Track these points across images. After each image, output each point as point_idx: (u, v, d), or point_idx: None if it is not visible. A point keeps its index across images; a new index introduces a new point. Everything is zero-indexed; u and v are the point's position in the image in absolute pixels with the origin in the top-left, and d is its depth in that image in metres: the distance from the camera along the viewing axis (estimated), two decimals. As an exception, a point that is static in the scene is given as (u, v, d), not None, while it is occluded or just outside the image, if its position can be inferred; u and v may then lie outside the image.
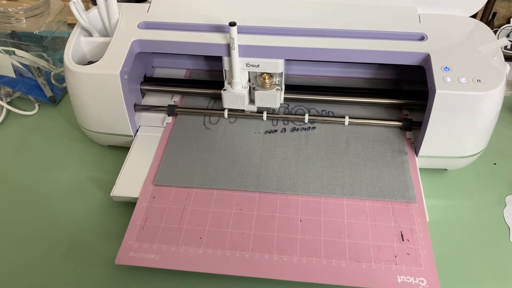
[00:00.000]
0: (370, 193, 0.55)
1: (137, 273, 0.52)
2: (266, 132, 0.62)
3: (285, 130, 0.62)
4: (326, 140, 0.61)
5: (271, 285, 0.50)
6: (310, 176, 0.57)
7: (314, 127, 0.63)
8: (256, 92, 0.61)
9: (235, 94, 0.61)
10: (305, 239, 0.51)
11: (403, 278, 0.47)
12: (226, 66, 0.60)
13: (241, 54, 0.58)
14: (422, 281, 0.47)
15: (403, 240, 0.51)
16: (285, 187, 0.56)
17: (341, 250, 0.50)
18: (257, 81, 0.61)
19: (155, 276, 0.52)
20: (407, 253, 0.49)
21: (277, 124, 0.63)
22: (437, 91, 0.52)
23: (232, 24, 0.54)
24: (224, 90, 0.61)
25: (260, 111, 0.64)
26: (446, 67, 0.54)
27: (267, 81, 0.60)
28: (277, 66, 0.59)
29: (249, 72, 0.61)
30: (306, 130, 0.62)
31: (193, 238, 0.51)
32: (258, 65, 0.59)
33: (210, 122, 0.64)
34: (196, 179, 0.57)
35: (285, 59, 0.59)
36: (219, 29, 0.59)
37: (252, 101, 0.63)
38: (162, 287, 0.51)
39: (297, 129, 0.62)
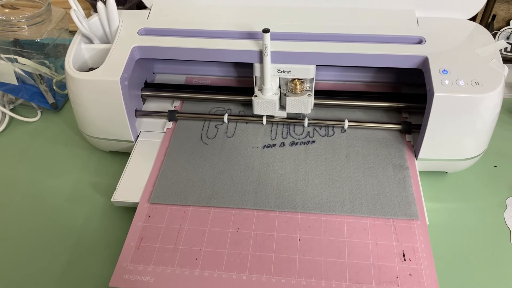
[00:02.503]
0: (371, 211, 0.53)
1: None
2: (264, 146, 0.61)
3: (283, 145, 0.61)
4: (326, 155, 0.60)
5: None
6: (309, 193, 0.55)
7: (313, 141, 0.61)
8: (287, 98, 0.60)
9: (266, 100, 0.61)
10: (304, 259, 0.50)
11: None
12: (257, 73, 0.60)
13: (272, 61, 0.58)
14: None
15: (405, 260, 0.49)
16: (283, 205, 0.54)
17: (341, 271, 0.48)
18: (288, 87, 0.61)
19: None
20: (409, 274, 0.48)
21: (275, 138, 0.62)
22: (435, 94, 0.52)
23: (266, 30, 0.54)
24: (255, 96, 0.61)
25: (290, 117, 0.63)
26: (444, 70, 0.54)
27: (298, 87, 0.60)
28: (308, 71, 0.59)
29: (279, 78, 0.61)
30: (305, 144, 0.61)
31: (189, 259, 0.50)
32: (290, 71, 0.59)
33: (207, 136, 0.63)
34: (192, 197, 0.56)
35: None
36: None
37: (282, 107, 0.63)
38: None
39: (296, 143, 0.61)
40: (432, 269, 0.48)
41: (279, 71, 0.59)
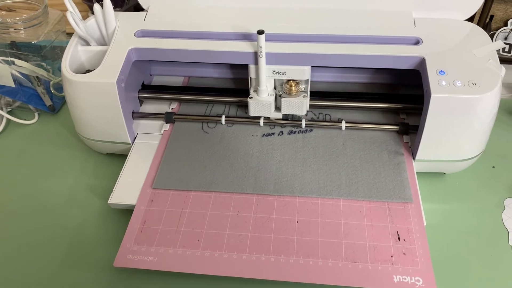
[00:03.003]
0: (366, 194, 0.55)
1: (136, 275, 0.52)
2: (263, 135, 0.63)
3: (282, 133, 0.63)
4: (323, 142, 0.61)
5: (268, 285, 0.50)
6: (307, 178, 0.57)
7: (311, 130, 0.63)
8: (283, 99, 0.61)
9: (262, 101, 0.61)
10: (302, 240, 0.51)
11: (399, 278, 0.48)
12: (252, 74, 0.60)
13: (267, 62, 0.58)
14: (418, 281, 0.47)
15: (399, 240, 0.51)
16: (282, 189, 0.56)
17: (338, 251, 0.50)
18: (283, 88, 0.61)
19: (153, 279, 0.52)
20: (404, 253, 0.50)
21: (274, 128, 0.64)
22: (432, 95, 0.52)
23: (261, 32, 0.54)
24: (251, 98, 0.61)
25: (285, 118, 0.64)
26: (441, 71, 0.54)
27: (293, 88, 0.60)
28: (304, 73, 0.59)
29: (275, 79, 0.61)
30: (303, 133, 0.63)
31: (190, 241, 0.51)
32: (285, 72, 0.59)
33: (208, 126, 0.64)
34: (194, 183, 0.57)
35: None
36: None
37: (277, 108, 0.63)
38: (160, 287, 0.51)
39: (294, 132, 0.63)
40: (426, 248, 0.50)
41: (274, 73, 0.59)
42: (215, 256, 0.50)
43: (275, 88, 0.62)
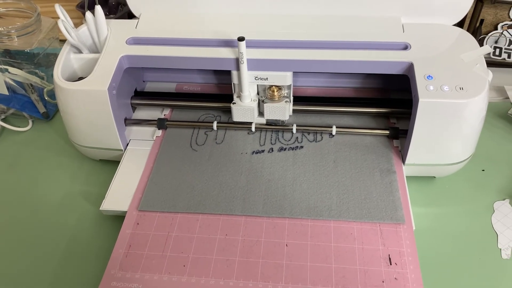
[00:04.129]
0: (357, 215, 0.54)
1: None
2: (253, 152, 0.62)
3: (272, 150, 0.62)
4: (314, 160, 0.60)
5: None
6: (296, 198, 0.56)
7: (301, 147, 0.62)
8: (265, 105, 0.61)
9: (245, 107, 0.61)
10: (291, 264, 0.50)
11: None
12: (235, 80, 0.60)
13: (249, 68, 0.58)
14: None
15: (390, 264, 0.50)
16: (271, 210, 0.55)
17: (328, 276, 0.49)
18: (266, 94, 0.62)
19: None
20: (395, 278, 0.48)
21: (264, 144, 0.63)
22: (420, 100, 0.52)
23: (241, 39, 0.55)
24: (234, 103, 0.62)
25: (269, 123, 0.64)
26: (429, 76, 0.55)
27: (275, 93, 0.61)
28: (286, 78, 0.59)
29: (257, 85, 0.61)
30: (294, 150, 0.62)
31: (176, 266, 0.50)
32: (267, 78, 0.59)
33: (197, 143, 0.63)
34: (181, 204, 0.56)
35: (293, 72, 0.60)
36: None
37: (261, 113, 0.63)
38: None
39: (285, 149, 0.62)
40: (418, 273, 0.49)
41: (256, 78, 0.59)
42: (201, 283, 0.49)
43: (258, 93, 0.62)
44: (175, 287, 0.49)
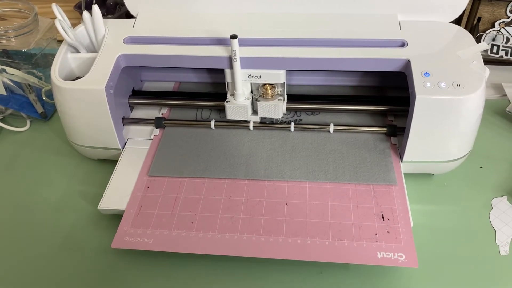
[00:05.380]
0: (352, 177, 0.57)
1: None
2: (254, 125, 0.64)
3: (273, 122, 0.65)
4: (312, 130, 0.63)
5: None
6: (296, 164, 0.59)
7: (300, 119, 0.65)
8: (259, 103, 0.62)
9: (238, 105, 0.62)
10: (290, 221, 0.53)
11: (383, 254, 0.50)
12: (228, 78, 0.61)
13: (242, 66, 0.59)
14: (401, 256, 0.49)
15: (383, 220, 0.53)
16: (272, 175, 0.58)
17: (325, 230, 0.52)
18: (259, 92, 0.62)
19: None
20: (387, 231, 0.52)
21: (265, 118, 0.65)
22: (417, 97, 0.52)
23: (234, 37, 0.55)
24: (227, 102, 0.62)
25: (263, 121, 0.65)
26: (426, 73, 0.55)
27: (269, 91, 0.61)
28: (279, 76, 0.60)
29: (251, 83, 0.62)
30: (294, 122, 0.64)
31: (185, 223, 0.54)
32: (260, 76, 0.60)
33: (201, 116, 0.67)
34: (188, 170, 0.59)
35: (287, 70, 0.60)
36: (211, 41, 0.60)
37: (255, 111, 0.64)
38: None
39: (285, 121, 0.65)
40: (409, 226, 0.52)
41: (250, 76, 0.60)
42: (208, 237, 0.52)
43: (252, 91, 0.62)
44: (184, 241, 0.52)
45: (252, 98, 0.63)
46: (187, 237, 0.52)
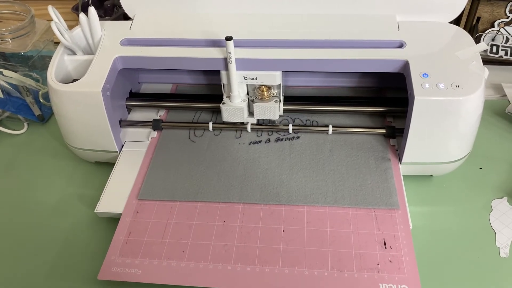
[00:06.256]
0: (353, 201, 0.55)
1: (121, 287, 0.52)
2: (250, 143, 0.62)
3: (269, 141, 0.63)
4: (310, 149, 0.61)
5: None
6: (293, 186, 0.57)
7: (298, 137, 0.63)
8: (255, 104, 0.61)
9: (234, 107, 0.61)
10: (287, 249, 0.51)
11: (385, 286, 0.47)
12: (224, 80, 0.60)
13: (238, 68, 0.58)
14: None
15: (385, 248, 0.50)
16: (268, 198, 0.56)
17: (324, 259, 0.50)
18: (255, 94, 0.61)
19: None
20: (390, 261, 0.49)
21: (261, 135, 0.64)
22: (416, 98, 0.52)
23: (229, 38, 0.54)
24: (223, 103, 0.61)
25: (259, 123, 0.64)
26: (425, 74, 0.54)
27: (265, 93, 0.61)
28: (275, 78, 0.59)
29: (247, 85, 0.61)
30: (290, 140, 0.62)
31: (175, 252, 0.51)
32: (256, 77, 0.59)
33: (195, 135, 0.64)
34: (180, 193, 0.57)
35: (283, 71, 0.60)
36: (207, 43, 0.60)
37: (251, 113, 0.63)
38: None
39: (281, 139, 0.63)
40: (412, 255, 0.50)
41: (245, 78, 0.59)
42: (200, 268, 0.50)
43: (248, 93, 0.62)
44: (174, 272, 0.50)
45: (248, 99, 0.62)
46: (177, 268, 0.50)
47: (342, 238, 0.52)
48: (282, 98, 0.63)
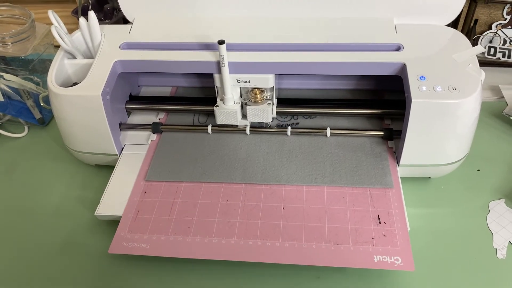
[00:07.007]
0: (349, 181, 0.57)
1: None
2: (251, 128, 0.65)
3: (265, 127, 0.65)
4: (309, 134, 0.63)
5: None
6: (293, 168, 0.60)
7: (297, 123, 0.66)
8: (248, 107, 0.62)
9: (228, 110, 0.62)
10: (287, 225, 0.54)
11: (379, 258, 0.50)
12: (217, 83, 0.61)
13: (231, 71, 0.59)
14: (397, 260, 0.50)
15: (380, 223, 0.53)
16: (269, 179, 0.58)
17: (321, 234, 0.52)
18: (248, 96, 0.62)
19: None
20: (384, 235, 0.52)
21: (262, 122, 0.65)
22: (413, 100, 0.52)
23: (221, 42, 0.55)
24: (217, 106, 0.62)
25: (253, 126, 0.65)
26: (422, 76, 0.55)
27: (258, 96, 0.61)
28: (268, 81, 0.60)
29: (240, 87, 0.62)
30: (290, 126, 0.64)
31: (182, 228, 0.54)
32: (249, 80, 0.60)
33: (199, 121, 0.67)
34: (185, 174, 0.60)
35: (275, 74, 0.60)
36: (201, 47, 0.60)
37: (245, 116, 0.64)
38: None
39: (282, 125, 0.65)
40: (405, 230, 0.52)
41: (238, 81, 0.60)
42: (205, 242, 0.52)
43: (241, 96, 0.63)
44: (181, 246, 0.52)
45: (242, 102, 0.63)
46: (184, 242, 0.52)
47: (339, 214, 0.54)
48: (275, 100, 0.64)
